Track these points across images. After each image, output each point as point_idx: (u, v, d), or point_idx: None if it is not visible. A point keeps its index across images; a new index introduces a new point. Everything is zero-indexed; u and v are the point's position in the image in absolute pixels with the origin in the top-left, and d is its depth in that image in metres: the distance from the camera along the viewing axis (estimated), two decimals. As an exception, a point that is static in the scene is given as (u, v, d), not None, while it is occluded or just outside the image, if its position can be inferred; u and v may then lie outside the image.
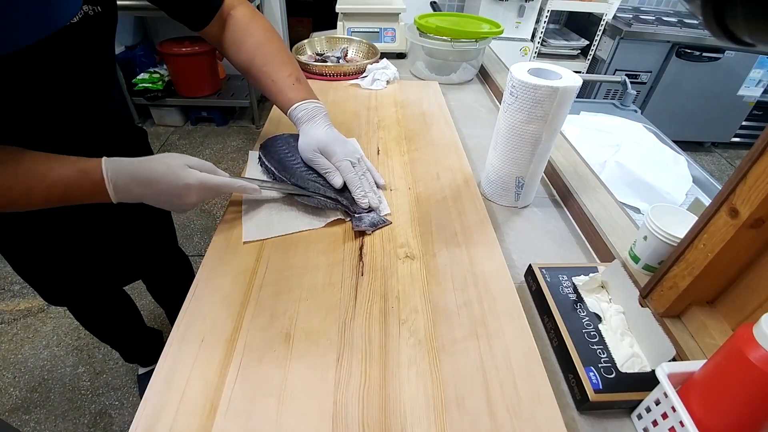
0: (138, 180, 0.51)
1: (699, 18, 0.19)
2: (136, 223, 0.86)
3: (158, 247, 1.01)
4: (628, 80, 1.32)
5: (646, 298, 0.49)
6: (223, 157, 2.35)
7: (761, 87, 2.42)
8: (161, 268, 1.11)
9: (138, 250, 0.92)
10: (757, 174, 0.37)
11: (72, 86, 0.56)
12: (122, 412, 1.24)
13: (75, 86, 0.57)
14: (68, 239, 0.75)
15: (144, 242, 0.92)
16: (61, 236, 0.74)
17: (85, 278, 0.85)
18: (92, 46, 0.55)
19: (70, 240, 0.75)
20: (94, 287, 0.90)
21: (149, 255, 0.98)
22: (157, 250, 1.01)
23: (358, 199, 0.61)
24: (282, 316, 0.48)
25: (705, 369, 0.36)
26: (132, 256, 0.91)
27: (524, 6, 2.26)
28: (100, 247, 0.81)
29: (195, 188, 0.53)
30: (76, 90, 0.57)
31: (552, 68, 0.60)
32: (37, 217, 0.67)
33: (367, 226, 0.59)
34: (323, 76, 1.07)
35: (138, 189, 0.51)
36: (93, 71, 0.59)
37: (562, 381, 0.46)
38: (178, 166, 0.52)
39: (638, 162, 0.93)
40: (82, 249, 0.78)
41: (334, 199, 0.61)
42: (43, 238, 0.72)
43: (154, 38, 2.66)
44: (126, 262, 0.91)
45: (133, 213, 0.83)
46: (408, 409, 0.40)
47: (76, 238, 0.76)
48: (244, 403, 0.39)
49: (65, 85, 0.55)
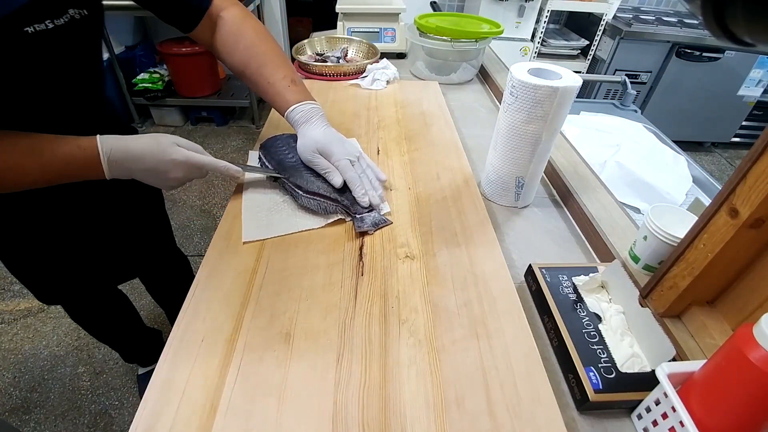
0: (130, 155, 0.53)
1: (699, 18, 0.19)
2: (130, 219, 0.86)
3: (154, 246, 1.01)
4: (628, 80, 1.32)
5: (646, 298, 0.49)
6: (223, 157, 2.32)
7: (761, 87, 2.42)
8: (158, 267, 1.11)
9: (133, 248, 0.92)
10: (757, 174, 0.37)
11: (60, 87, 0.57)
12: (122, 412, 1.24)
13: (63, 87, 0.58)
14: (61, 235, 0.75)
15: (139, 239, 0.92)
16: (54, 232, 0.74)
17: (78, 275, 0.85)
18: (78, 48, 0.57)
19: (63, 236, 0.75)
20: (87, 285, 0.89)
21: (145, 253, 0.98)
22: (153, 249, 1.01)
23: (359, 197, 0.61)
24: (282, 316, 0.48)
25: (705, 369, 0.36)
26: (126, 254, 0.91)
27: (524, 6, 2.26)
28: (92, 244, 0.81)
29: (181, 165, 0.56)
30: (63, 91, 0.58)
31: (552, 68, 0.60)
32: (30, 211, 0.68)
33: (369, 226, 0.59)
34: (323, 76, 1.07)
35: (129, 163, 0.54)
36: (80, 73, 0.60)
37: (562, 381, 0.46)
38: (167, 143, 0.55)
39: (638, 162, 0.93)
40: (74, 245, 0.78)
41: (334, 200, 0.61)
42: (36, 234, 0.72)
43: (154, 38, 2.67)
44: (120, 260, 0.91)
45: (126, 209, 0.84)
46: (408, 409, 0.40)
47: (69, 235, 0.76)
48: (244, 403, 0.39)
49: (53, 86, 0.56)
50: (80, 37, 0.56)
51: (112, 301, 1.05)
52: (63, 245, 0.77)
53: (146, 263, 1.04)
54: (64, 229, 0.74)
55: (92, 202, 0.75)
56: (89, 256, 0.82)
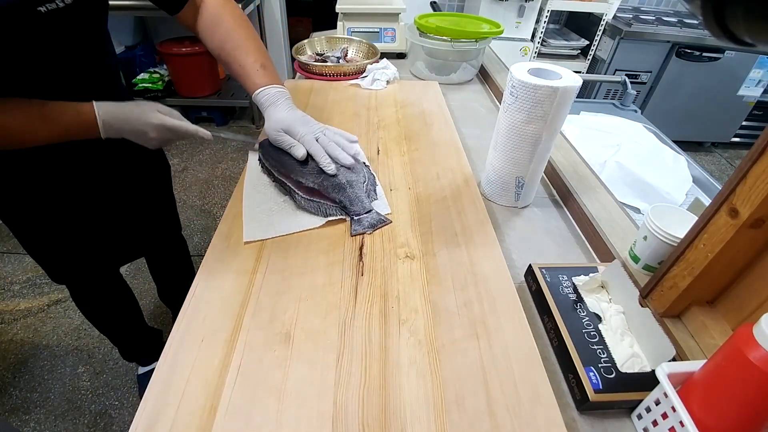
0: (119, 118, 0.63)
1: (699, 18, 0.19)
2: (138, 198, 0.91)
3: (160, 225, 1.05)
4: (628, 80, 1.32)
5: (646, 298, 0.49)
6: (223, 158, 2.35)
7: (761, 87, 2.42)
8: (163, 248, 1.16)
9: (139, 226, 0.96)
10: (757, 174, 0.37)
11: (70, 60, 0.63)
12: (122, 412, 1.24)
13: (72, 60, 0.64)
14: (69, 209, 0.79)
15: (145, 218, 0.97)
16: (63, 207, 0.78)
17: (85, 250, 0.88)
18: (88, 23, 0.64)
19: (72, 210, 0.79)
20: (94, 261, 0.93)
21: (150, 232, 1.03)
22: (158, 228, 1.05)
23: (324, 166, 0.63)
24: (282, 316, 0.48)
25: (705, 369, 0.36)
26: (132, 231, 0.96)
27: (524, 6, 2.26)
28: (100, 219, 0.85)
29: (157, 127, 0.64)
30: (73, 63, 0.64)
31: (552, 68, 0.60)
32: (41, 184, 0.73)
33: (366, 228, 0.59)
34: (323, 76, 1.07)
35: (118, 124, 0.63)
36: (89, 46, 0.66)
37: (562, 381, 0.46)
38: (149, 109, 0.65)
39: (638, 162, 0.93)
40: (83, 220, 0.82)
41: (333, 199, 0.61)
42: (46, 208, 0.76)
43: (154, 38, 2.66)
44: (125, 237, 0.95)
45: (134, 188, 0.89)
46: (408, 409, 0.40)
47: (78, 209, 0.79)
48: (244, 403, 0.39)
49: (64, 59, 0.62)
50: (90, 12, 0.63)
51: (115, 288, 1.07)
52: (71, 219, 0.80)
53: (151, 243, 1.08)
54: (73, 204, 0.78)
55: (101, 179, 0.80)
56: (97, 231, 0.86)
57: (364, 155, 0.74)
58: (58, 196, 0.76)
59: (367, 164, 0.70)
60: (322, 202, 0.61)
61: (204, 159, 2.33)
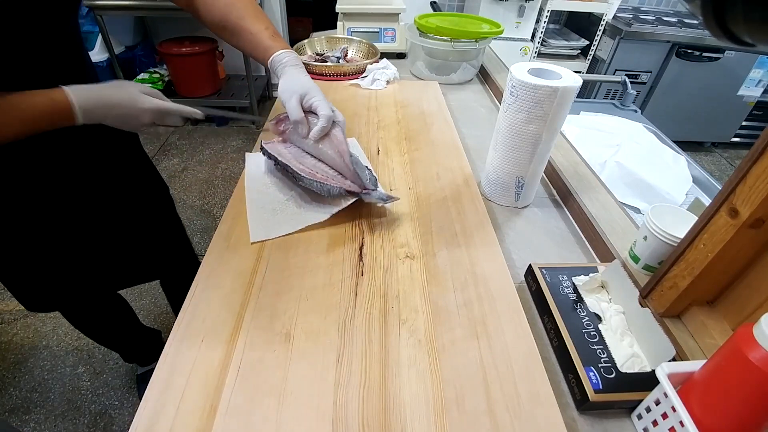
0: (102, 104, 0.59)
1: (699, 18, 0.19)
2: (132, 222, 0.84)
3: (166, 252, 0.97)
4: (628, 80, 1.32)
5: (646, 298, 0.49)
6: (223, 158, 2.35)
7: (761, 87, 2.42)
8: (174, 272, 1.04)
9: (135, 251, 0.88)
10: (757, 174, 0.37)
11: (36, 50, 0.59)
12: (122, 412, 1.24)
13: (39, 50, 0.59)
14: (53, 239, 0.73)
15: (143, 242, 0.89)
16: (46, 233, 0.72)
17: (71, 281, 0.82)
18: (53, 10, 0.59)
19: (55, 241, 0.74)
20: (82, 291, 0.87)
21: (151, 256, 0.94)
22: (165, 255, 0.97)
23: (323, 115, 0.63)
24: (282, 316, 0.48)
25: (705, 369, 0.36)
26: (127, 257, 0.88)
27: (524, 6, 2.26)
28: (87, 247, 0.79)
29: (150, 111, 0.62)
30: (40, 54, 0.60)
31: (552, 68, 0.60)
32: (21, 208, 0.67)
33: (377, 200, 0.60)
34: (323, 76, 1.07)
35: (102, 111, 0.59)
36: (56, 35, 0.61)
37: (562, 381, 0.46)
38: (136, 93, 0.61)
39: (638, 162, 0.93)
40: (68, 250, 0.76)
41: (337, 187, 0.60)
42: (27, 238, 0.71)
43: (154, 38, 2.66)
44: (119, 263, 0.88)
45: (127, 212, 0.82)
46: (408, 408, 0.40)
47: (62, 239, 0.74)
48: (244, 403, 0.39)
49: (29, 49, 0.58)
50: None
51: (107, 306, 1.03)
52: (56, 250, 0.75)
53: (155, 267, 0.99)
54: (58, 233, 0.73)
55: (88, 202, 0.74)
56: (83, 261, 0.80)
57: (365, 156, 0.74)
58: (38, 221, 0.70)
59: (369, 168, 0.69)
60: (326, 182, 0.60)
61: (204, 159, 2.33)
